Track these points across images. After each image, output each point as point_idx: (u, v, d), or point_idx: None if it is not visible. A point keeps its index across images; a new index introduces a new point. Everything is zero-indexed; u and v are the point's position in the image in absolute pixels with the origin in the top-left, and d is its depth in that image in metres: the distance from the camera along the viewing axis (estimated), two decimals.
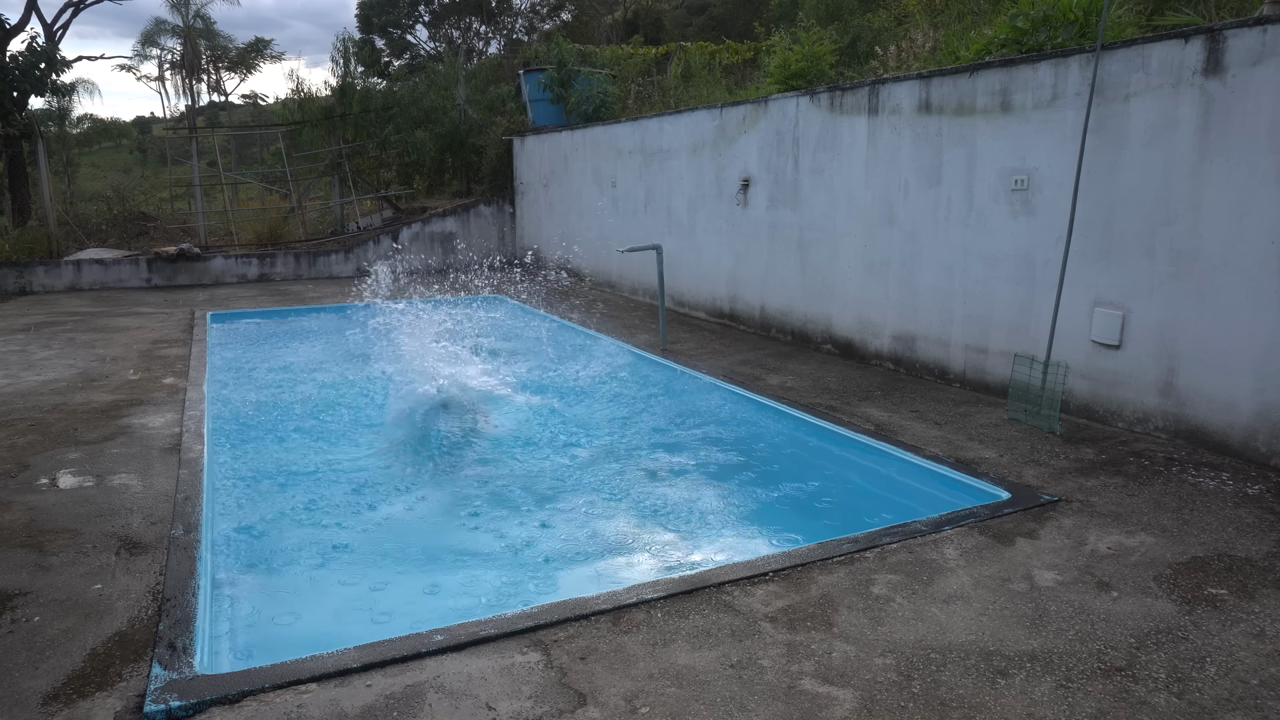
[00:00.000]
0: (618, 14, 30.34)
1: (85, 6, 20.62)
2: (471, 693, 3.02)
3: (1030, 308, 6.56)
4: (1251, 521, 4.43)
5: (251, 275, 15.39)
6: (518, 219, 16.91)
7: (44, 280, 14.16)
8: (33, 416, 6.65)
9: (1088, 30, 6.39)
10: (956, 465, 5.35)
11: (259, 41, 36.32)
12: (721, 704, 2.96)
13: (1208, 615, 3.55)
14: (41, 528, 4.55)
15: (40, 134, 16.02)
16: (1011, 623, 3.51)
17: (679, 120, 11.14)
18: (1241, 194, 5.19)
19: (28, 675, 3.17)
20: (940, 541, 4.27)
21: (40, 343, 9.63)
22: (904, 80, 7.56)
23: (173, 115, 32.11)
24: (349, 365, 8.99)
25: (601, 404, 7.53)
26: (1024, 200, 6.54)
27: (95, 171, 26.00)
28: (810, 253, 8.92)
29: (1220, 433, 5.43)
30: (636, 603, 3.64)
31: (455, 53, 24.59)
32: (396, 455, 6.23)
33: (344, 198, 17.51)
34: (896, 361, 7.91)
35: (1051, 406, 6.01)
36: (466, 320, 7.68)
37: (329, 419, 7.10)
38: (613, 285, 13.44)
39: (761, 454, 6.21)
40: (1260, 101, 5.06)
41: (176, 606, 3.66)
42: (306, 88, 27.81)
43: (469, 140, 17.59)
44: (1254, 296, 5.18)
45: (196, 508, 4.78)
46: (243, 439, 6.53)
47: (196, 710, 2.94)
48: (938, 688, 3.06)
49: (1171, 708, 2.94)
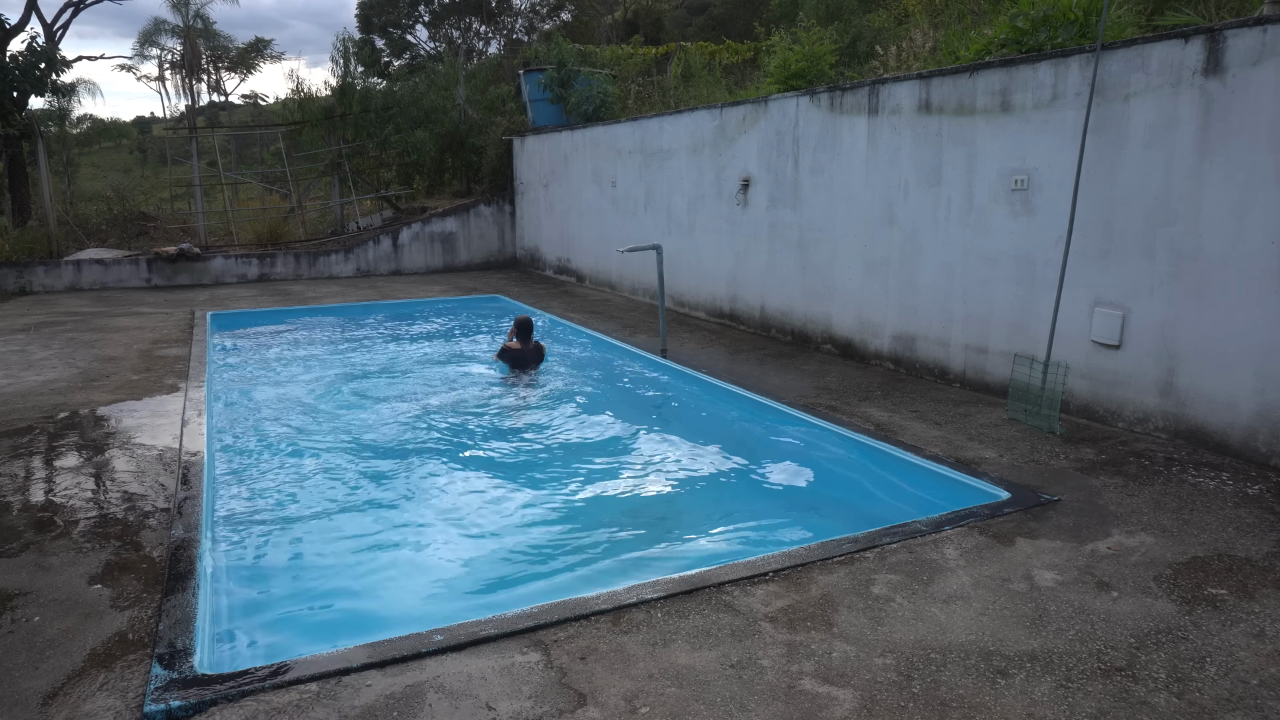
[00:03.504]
0: (618, 14, 30.35)
1: (85, 6, 20.63)
2: (471, 693, 3.02)
3: (1030, 308, 6.56)
4: (1251, 521, 4.43)
5: (251, 275, 15.40)
6: (518, 219, 16.91)
7: (44, 280, 14.16)
8: (33, 416, 6.65)
9: (1088, 30, 6.39)
10: (956, 465, 5.35)
11: (259, 41, 36.39)
12: (721, 704, 2.96)
13: (1208, 615, 3.55)
14: (41, 528, 4.55)
15: (40, 134, 16.02)
16: (1011, 623, 3.51)
17: (679, 120, 11.14)
18: (1241, 194, 5.19)
19: (28, 675, 3.17)
20: (940, 541, 4.27)
21: (40, 343, 9.63)
22: (904, 80, 7.56)
23: (173, 115, 32.14)
24: (347, 365, 9.00)
25: (601, 404, 7.52)
26: (1024, 200, 6.54)
27: (95, 171, 26.01)
28: (810, 253, 8.92)
29: (1220, 433, 5.43)
30: (636, 603, 3.64)
31: (455, 53, 24.60)
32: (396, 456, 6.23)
33: (344, 198, 17.51)
34: (896, 361, 7.91)
35: (1051, 406, 6.01)
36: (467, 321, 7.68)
37: (329, 418, 7.10)
38: (613, 285, 13.44)
39: (761, 454, 6.21)
40: (1260, 101, 5.06)
41: (176, 606, 3.66)
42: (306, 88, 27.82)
43: (469, 140, 17.59)
44: (1254, 296, 5.17)
45: (197, 507, 4.78)
46: (243, 439, 6.52)
47: (196, 710, 2.94)
48: (938, 688, 3.06)
49: (1171, 708, 2.94)
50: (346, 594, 4.31)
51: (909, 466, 5.50)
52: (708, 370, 8.02)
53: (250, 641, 3.78)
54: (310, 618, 4.08)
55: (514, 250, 17.15)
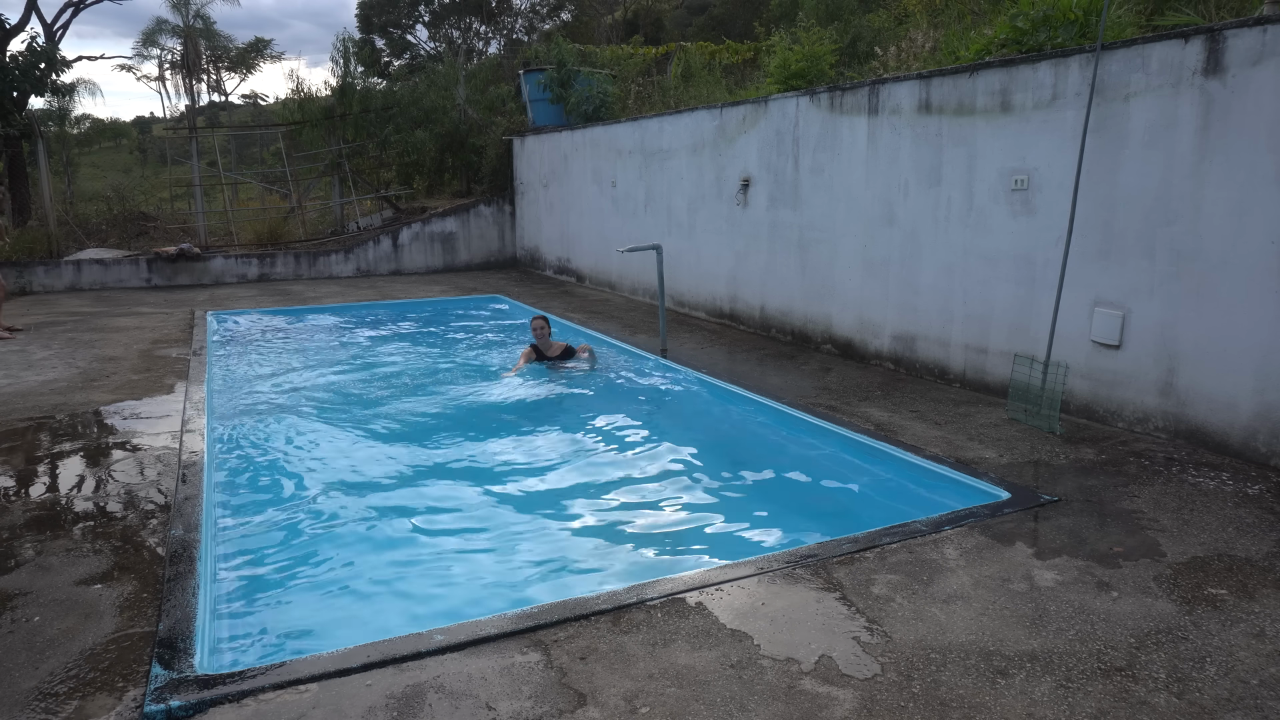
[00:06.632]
0: (618, 14, 30.36)
1: (85, 6, 20.63)
2: (472, 693, 3.02)
3: (1030, 308, 6.56)
4: (1251, 521, 4.43)
5: (251, 275, 15.40)
6: (518, 219, 16.91)
7: (44, 280, 14.17)
8: (33, 416, 6.65)
9: (1088, 30, 6.39)
10: (956, 465, 5.35)
11: (259, 41, 36.36)
12: (721, 704, 2.96)
13: (1208, 615, 3.55)
14: (41, 528, 4.55)
15: (40, 134, 16.02)
16: (1011, 623, 3.51)
17: (679, 120, 11.14)
18: (1241, 194, 5.19)
19: (28, 675, 3.17)
20: (940, 541, 4.27)
21: (40, 343, 9.63)
22: (904, 80, 7.56)
23: (173, 115, 32.09)
24: (347, 364, 9.00)
25: (601, 404, 7.53)
26: (1024, 200, 6.54)
27: (95, 171, 25.99)
28: (810, 253, 8.92)
29: (1220, 433, 5.43)
30: (636, 603, 3.64)
31: (455, 53, 24.61)
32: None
33: (344, 198, 17.51)
34: (896, 361, 7.91)
35: (1051, 406, 6.01)
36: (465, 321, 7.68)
37: (330, 418, 7.10)
38: (613, 285, 13.44)
39: (761, 454, 6.21)
40: (1260, 101, 5.06)
41: (176, 606, 3.66)
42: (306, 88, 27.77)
43: (469, 140, 17.59)
44: (1254, 296, 5.17)
45: (196, 507, 4.78)
46: (243, 439, 6.52)
47: (196, 710, 2.94)
48: (938, 688, 3.06)
49: (1171, 708, 2.94)
50: (346, 594, 4.30)
51: (909, 466, 5.50)
52: (708, 370, 8.02)
53: (250, 642, 3.77)
54: (310, 618, 4.08)
55: (514, 250, 17.15)
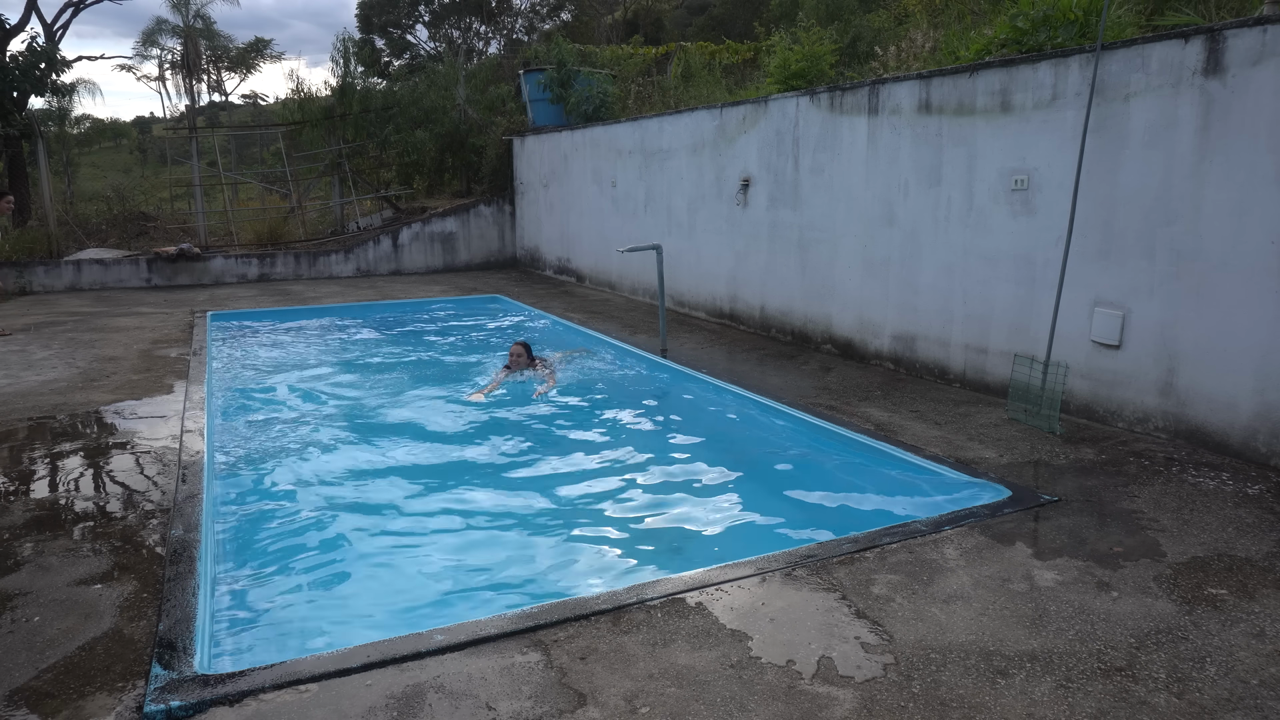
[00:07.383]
0: (618, 14, 30.36)
1: (85, 6, 20.61)
2: (472, 692, 3.02)
3: (1030, 308, 6.56)
4: (1251, 521, 4.43)
5: (251, 275, 15.40)
6: (518, 219, 16.91)
7: (44, 280, 14.17)
8: (33, 416, 6.65)
9: (1088, 30, 6.39)
10: (957, 465, 5.35)
11: (259, 41, 36.33)
12: (721, 704, 2.96)
13: (1208, 615, 3.55)
14: (41, 528, 4.55)
15: (40, 134, 16.02)
16: (1011, 623, 3.51)
17: (679, 120, 11.14)
18: (1241, 194, 5.19)
19: (28, 675, 3.17)
20: (940, 541, 4.27)
21: (40, 343, 9.63)
22: (904, 80, 7.56)
23: (173, 115, 32.08)
24: (347, 364, 9.00)
25: (600, 403, 7.53)
26: (1024, 200, 6.54)
27: (95, 171, 26.01)
28: (810, 253, 8.92)
29: (1220, 433, 5.43)
30: (636, 603, 3.64)
31: (455, 53, 24.61)
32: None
33: (344, 198, 17.51)
34: (896, 361, 7.91)
35: (1051, 406, 6.01)
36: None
37: (329, 418, 7.10)
38: (613, 285, 13.44)
39: (761, 454, 6.21)
40: (1260, 101, 5.06)
41: (176, 606, 3.66)
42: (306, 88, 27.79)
43: (469, 140, 17.59)
44: (1254, 296, 5.17)
45: (196, 507, 4.78)
46: (243, 438, 6.52)
47: (196, 710, 2.94)
48: (938, 688, 3.06)
49: (1171, 708, 2.94)
50: (347, 594, 4.31)
51: (909, 466, 5.50)
52: (708, 370, 8.02)
53: (250, 641, 3.77)
54: (311, 617, 4.08)
55: (514, 250, 17.15)
